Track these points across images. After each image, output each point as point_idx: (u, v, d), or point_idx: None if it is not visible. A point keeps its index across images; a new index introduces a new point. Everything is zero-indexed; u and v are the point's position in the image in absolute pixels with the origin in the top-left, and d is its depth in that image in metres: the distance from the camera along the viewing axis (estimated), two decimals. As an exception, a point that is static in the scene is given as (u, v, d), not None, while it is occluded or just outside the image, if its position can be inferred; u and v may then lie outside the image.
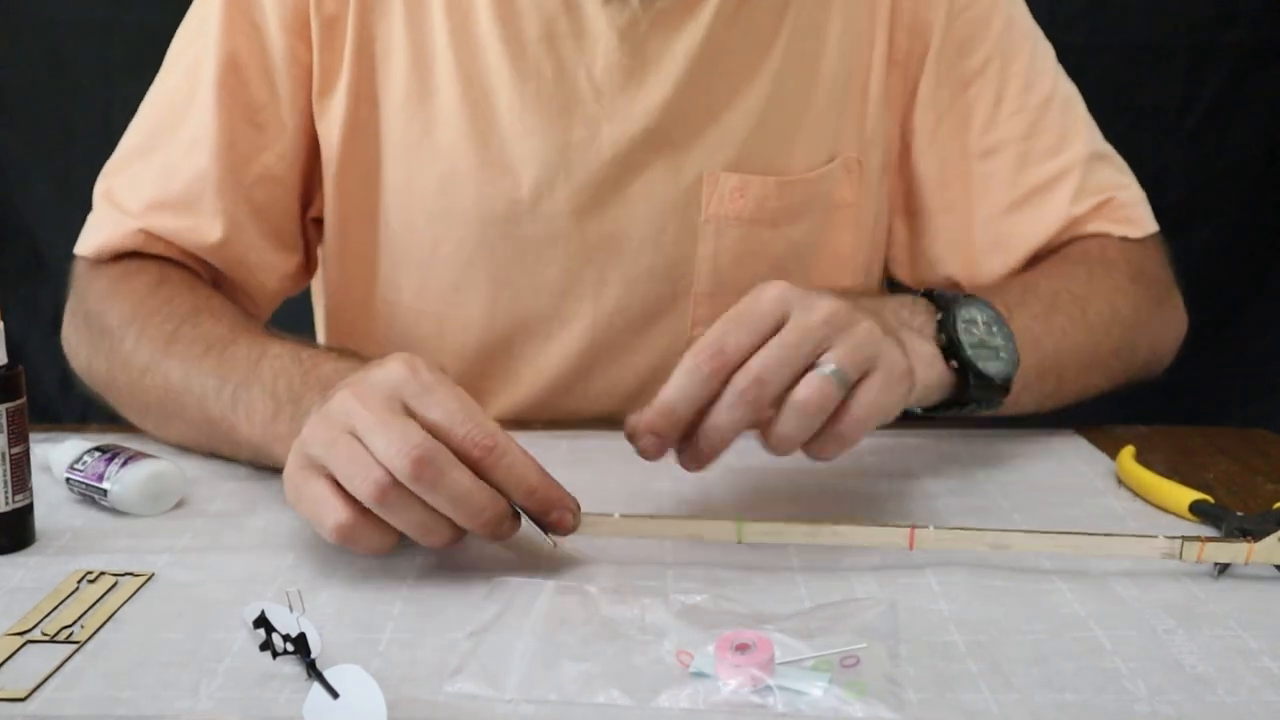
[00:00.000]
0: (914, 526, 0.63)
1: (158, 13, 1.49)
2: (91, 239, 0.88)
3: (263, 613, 0.53)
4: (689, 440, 0.64)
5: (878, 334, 0.64)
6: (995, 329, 0.74)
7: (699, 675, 0.51)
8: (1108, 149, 0.95)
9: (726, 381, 0.62)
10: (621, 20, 0.84)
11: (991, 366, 0.72)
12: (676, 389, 0.62)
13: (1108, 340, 0.84)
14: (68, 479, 0.73)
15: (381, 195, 0.90)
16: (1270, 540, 0.62)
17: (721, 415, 0.62)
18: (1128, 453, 0.77)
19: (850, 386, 0.63)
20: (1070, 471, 0.78)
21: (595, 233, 0.89)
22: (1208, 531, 0.68)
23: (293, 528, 0.69)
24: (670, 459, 0.65)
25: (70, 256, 0.90)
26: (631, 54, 0.85)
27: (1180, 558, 0.62)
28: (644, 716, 0.50)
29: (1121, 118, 1.50)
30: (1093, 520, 0.70)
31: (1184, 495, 0.70)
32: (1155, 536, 0.62)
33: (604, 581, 0.61)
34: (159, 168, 0.87)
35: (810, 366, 0.62)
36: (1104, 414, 0.89)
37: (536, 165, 0.87)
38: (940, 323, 0.73)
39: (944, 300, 0.74)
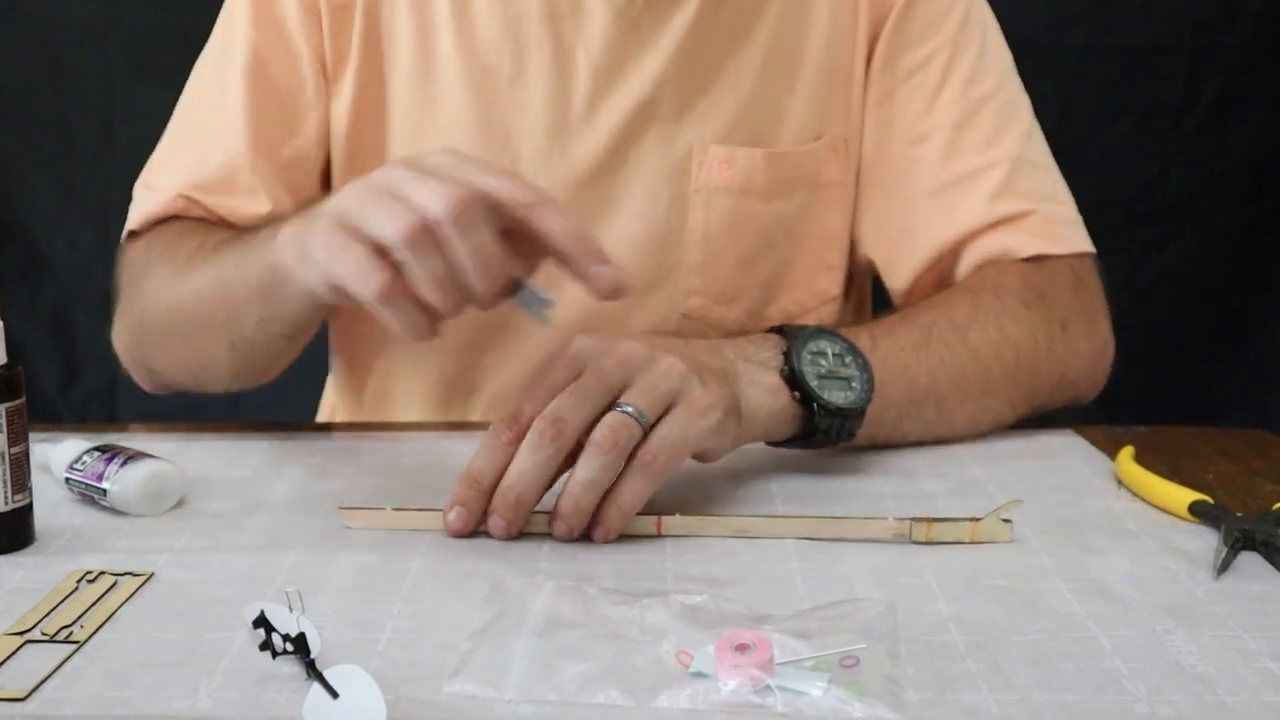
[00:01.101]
0: (660, 515, 0.66)
1: (157, 13, 1.51)
2: (132, 216, 0.92)
3: (262, 612, 0.53)
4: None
5: (678, 369, 0.66)
6: (848, 360, 0.75)
7: (699, 675, 0.51)
8: (1049, 162, 0.94)
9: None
10: None
11: (839, 396, 0.73)
12: (479, 460, 0.65)
13: (998, 366, 0.83)
14: (67, 479, 0.73)
15: None
16: (991, 519, 0.66)
17: (525, 459, 0.64)
18: (1127, 453, 0.77)
19: (651, 424, 0.64)
20: (1069, 471, 0.78)
21: (592, 203, 0.90)
22: (1208, 532, 0.68)
23: (293, 527, 0.69)
24: None
25: (70, 256, 0.90)
26: (627, 31, 0.88)
27: (910, 538, 0.66)
28: (644, 717, 0.49)
29: (1122, 118, 1.53)
30: (1090, 520, 0.70)
31: (1184, 496, 0.70)
32: (885, 518, 0.66)
33: (604, 582, 0.61)
34: (194, 155, 0.90)
35: (610, 407, 0.64)
36: (1103, 414, 0.89)
37: (536, 139, 0.89)
38: (785, 355, 0.74)
39: (792, 333, 0.75)
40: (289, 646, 0.52)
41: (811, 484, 0.75)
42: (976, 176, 0.91)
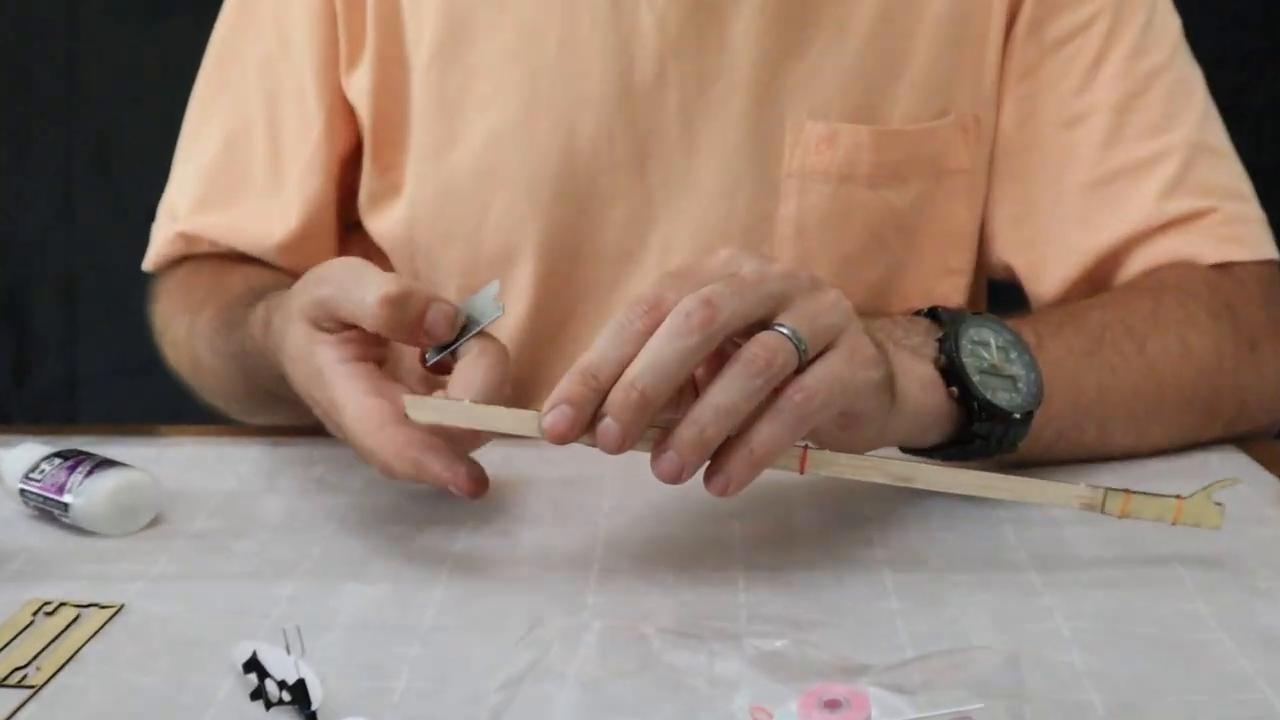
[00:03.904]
0: (806, 447, 0.64)
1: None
2: (149, 253, 1.02)
3: (254, 654, 0.53)
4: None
5: (845, 305, 0.64)
6: (1013, 354, 0.74)
7: (780, 738, 0.51)
8: (1229, 149, 0.93)
9: None
10: None
11: (1004, 398, 0.72)
12: (598, 348, 0.61)
13: (1175, 387, 0.82)
14: (22, 490, 0.73)
15: (409, 165, 0.94)
16: (1200, 498, 0.66)
17: (660, 346, 0.60)
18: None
19: (808, 356, 0.62)
20: (1232, 496, 0.76)
21: (661, 189, 0.91)
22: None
23: (291, 551, 0.70)
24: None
25: (24, 229, 0.94)
26: None
27: (1101, 509, 0.66)
28: (714, 788, 0.50)
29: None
30: (1258, 555, 0.69)
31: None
32: (1076, 484, 0.67)
33: (663, 620, 0.61)
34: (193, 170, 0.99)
35: (763, 326, 0.62)
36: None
37: (593, 111, 0.89)
38: (941, 342, 0.72)
39: (949, 318, 0.74)
40: (286, 696, 0.52)
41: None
42: (1144, 168, 0.90)
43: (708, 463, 0.62)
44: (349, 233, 1.00)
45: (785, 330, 0.62)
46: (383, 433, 0.64)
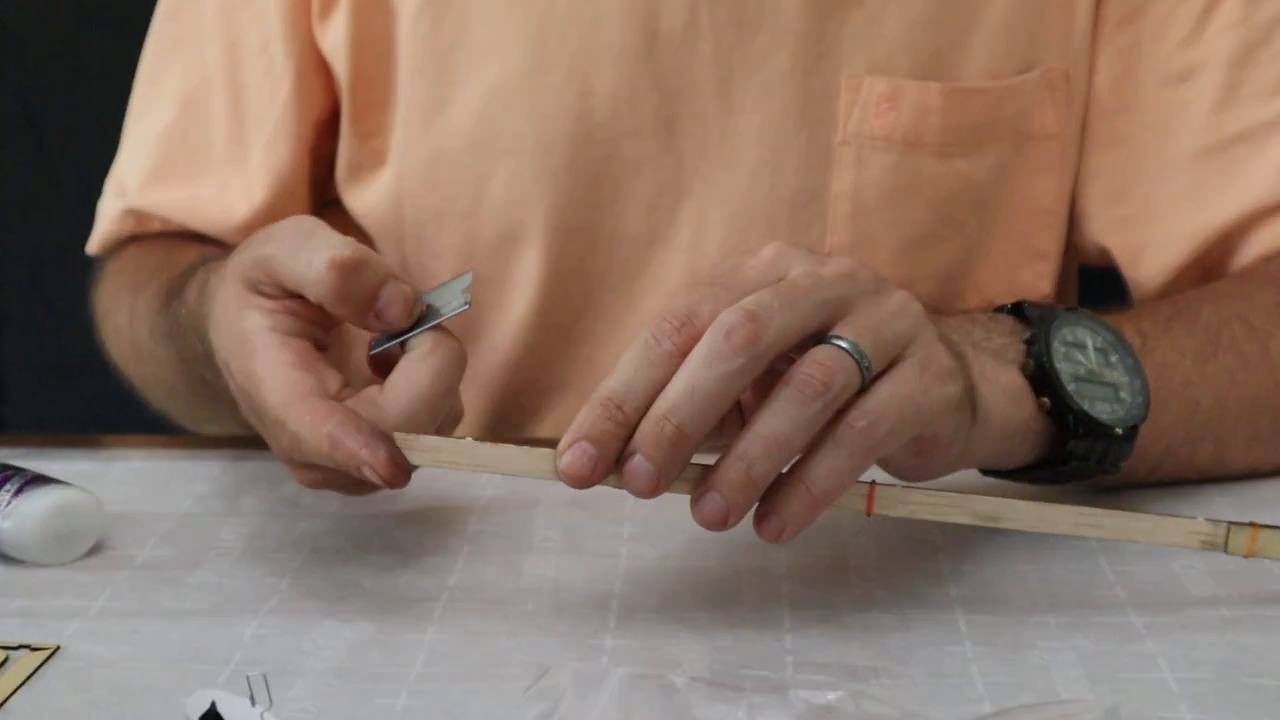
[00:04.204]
0: (873, 484, 0.63)
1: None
2: (94, 234, 1.02)
3: (213, 706, 0.53)
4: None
5: (914, 309, 0.63)
6: (1114, 358, 0.73)
7: (834, 810, 0.51)
8: None
9: None
10: None
11: (1103, 410, 0.71)
12: (621, 374, 0.60)
13: None
14: (-60, 511, 0.73)
15: (394, 130, 0.94)
16: None
17: (698, 370, 0.59)
18: None
19: (872, 374, 0.61)
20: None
21: (693, 157, 0.90)
22: None
23: (255, 585, 0.69)
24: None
25: None
26: None
27: (1224, 547, 0.65)
28: None
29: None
30: None
31: None
32: (1193, 517, 0.66)
33: (695, 667, 0.61)
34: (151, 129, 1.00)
35: (816, 339, 0.61)
36: None
37: (613, 64, 0.89)
38: (1029, 344, 0.71)
39: (1038, 315, 0.73)
40: None
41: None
42: (1265, 134, 0.90)
43: (756, 504, 0.62)
44: (324, 210, 1.00)
45: (844, 344, 0.61)
46: (302, 403, 0.63)
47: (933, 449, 0.65)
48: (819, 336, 0.61)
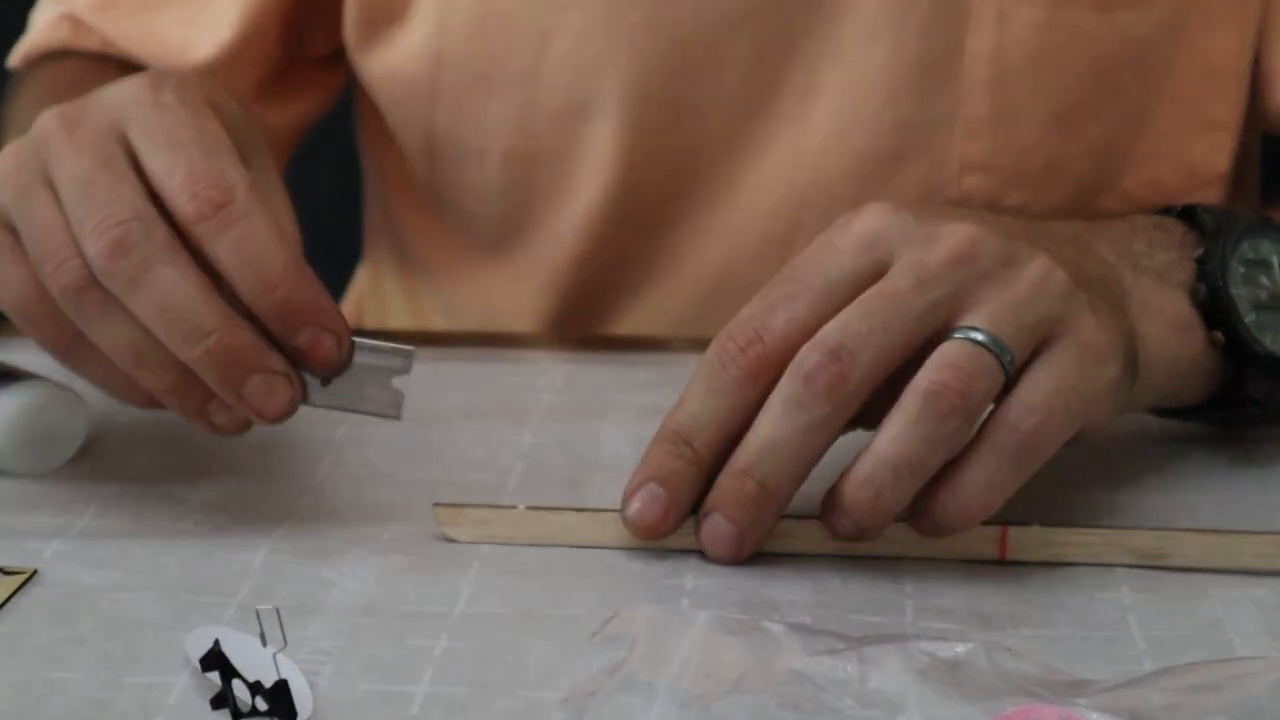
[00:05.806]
0: (1006, 524, 0.62)
1: None
2: (19, 44, 0.97)
3: (217, 644, 0.50)
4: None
5: (1058, 279, 0.61)
6: None
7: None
8: None
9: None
10: None
11: None
12: (687, 407, 0.60)
13: None
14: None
15: None
16: None
17: (778, 421, 0.59)
18: None
19: (1016, 367, 0.60)
20: None
21: (802, 12, 0.86)
22: None
23: (268, 503, 0.67)
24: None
25: None
26: None
27: None
28: None
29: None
30: None
31: None
32: None
33: (795, 613, 0.58)
34: None
35: (939, 336, 0.59)
36: None
37: None
38: (1201, 263, 0.69)
39: (1214, 224, 0.71)
40: (260, 703, 0.49)
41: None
42: None
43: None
44: (324, 70, 0.98)
45: (981, 336, 0.59)
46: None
47: (1079, 435, 0.63)
48: (944, 330, 0.60)
